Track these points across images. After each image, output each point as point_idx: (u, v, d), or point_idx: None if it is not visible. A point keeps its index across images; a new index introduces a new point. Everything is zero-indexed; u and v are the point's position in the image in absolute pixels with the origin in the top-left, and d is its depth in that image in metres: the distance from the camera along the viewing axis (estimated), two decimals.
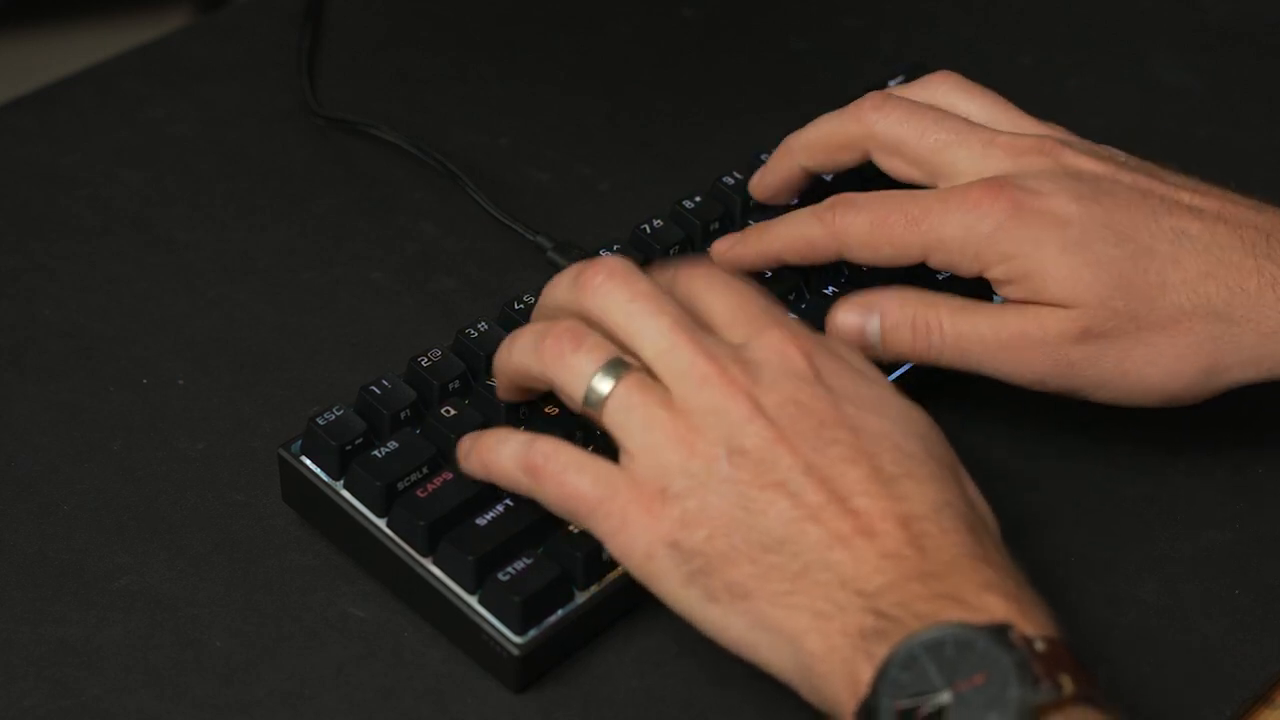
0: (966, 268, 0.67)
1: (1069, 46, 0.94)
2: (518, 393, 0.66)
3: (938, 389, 0.73)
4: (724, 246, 0.72)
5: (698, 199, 0.76)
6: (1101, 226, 0.66)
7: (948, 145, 0.69)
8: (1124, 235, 0.66)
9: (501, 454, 0.62)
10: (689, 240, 0.75)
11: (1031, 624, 0.55)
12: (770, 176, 0.74)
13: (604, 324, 0.62)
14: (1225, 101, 0.91)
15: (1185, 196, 0.68)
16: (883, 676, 0.54)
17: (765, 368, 0.60)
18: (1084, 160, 0.69)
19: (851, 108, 0.71)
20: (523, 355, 0.63)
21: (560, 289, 0.64)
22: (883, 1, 0.97)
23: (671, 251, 0.75)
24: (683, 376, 0.60)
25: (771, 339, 0.61)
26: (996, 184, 0.67)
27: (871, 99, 0.71)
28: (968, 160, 0.69)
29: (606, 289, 0.62)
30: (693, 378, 0.60)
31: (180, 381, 0.74)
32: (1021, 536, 0.67)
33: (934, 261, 0.68)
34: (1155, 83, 0.92)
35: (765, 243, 0.71)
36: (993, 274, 0.67)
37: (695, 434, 0.59)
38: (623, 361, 0.61)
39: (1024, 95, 0.72)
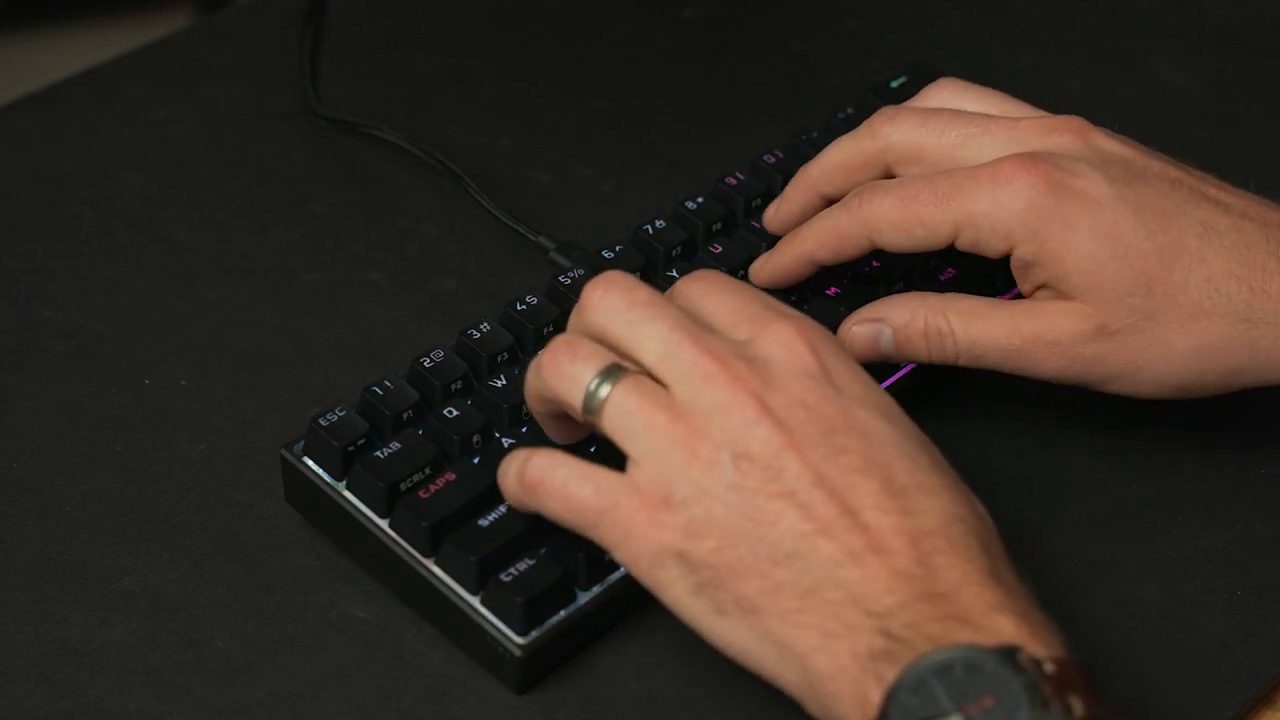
0: (995, 246, 0.66)
1: (1069, 46, 0.94)
2: (554, 423, 0.64)
3: (938, 390, 0.73)
4: (759, 264, 0.72)
5: (700, 199, 0.76)
6: (1133, 214, 0.65)
7: (969, 138, 0.68)
8: (1154, 227, 0.65)
9: (507, 476, 0.62)
10: (691, 241, 0.75)
11: (1041, 644, 0.55)
12: (788, 207, 0.73)
13: (607, 337, 0.61)
14: (1225, 101, 0.91)
15: (1211, 190, 0.67)
16: (891, 700, 0.54)
17: (772, 364, 0.59)
18: (1113, 143, 0.68)
19: (863, 126, 0.70)
20: (532, 379, 0.62)
21: (572, 316, 0.62)
22: (882, 1, 0.97)
23: (674, 252, 0.75)
24: (685, 376, 0.59)
25: (777, 333, 0.60)
26: (1030, 158, 0.66)
27: (883, 113, 0.69)
28: (992, 149, 0.67)
29: (606, 301, 0.61)
30: (695, 377, 0.58)
31: (183, 382, 0.74)
32: (1023, 539, 0.67)
33: (963, 241, 0.66)
34: (1155, 83, 0.92)
35: (796, 245, 0.70)
36: (1019, 253, 0.66)
37: (697, 437, 0.58)
38: (620, 366, 0.60)
39: (1024, 95, 0.72)
